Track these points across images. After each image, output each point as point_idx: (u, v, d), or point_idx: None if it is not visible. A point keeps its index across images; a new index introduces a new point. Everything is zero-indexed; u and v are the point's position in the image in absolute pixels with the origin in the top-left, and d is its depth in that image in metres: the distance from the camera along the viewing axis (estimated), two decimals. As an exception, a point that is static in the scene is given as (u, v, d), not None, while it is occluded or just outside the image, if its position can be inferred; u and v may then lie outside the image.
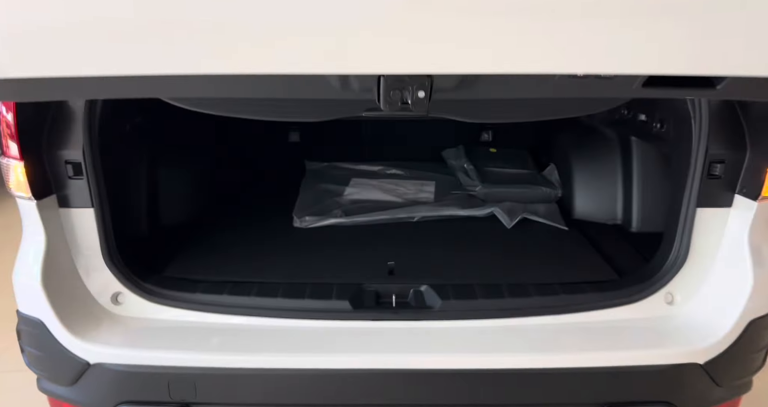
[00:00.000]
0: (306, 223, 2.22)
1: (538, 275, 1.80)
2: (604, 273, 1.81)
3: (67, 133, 1.56)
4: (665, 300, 1.64)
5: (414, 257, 1.92)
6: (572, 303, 1.64)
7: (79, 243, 1.63)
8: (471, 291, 1.68)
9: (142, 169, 2.06)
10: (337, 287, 1.69)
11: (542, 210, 2.31)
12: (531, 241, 2.09)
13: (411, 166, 2.85)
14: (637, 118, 2.03)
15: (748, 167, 1.52)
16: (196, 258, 1.93)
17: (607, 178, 2.22)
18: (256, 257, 1.95)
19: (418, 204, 2.39)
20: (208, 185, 2.40)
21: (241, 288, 1.70)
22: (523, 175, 2.57)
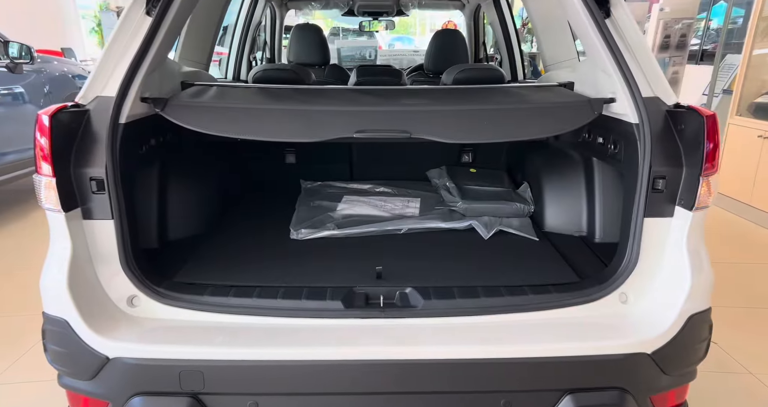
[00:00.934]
0: (302, 235, 2.43)
1: (510, 279, 1.99)
2: (567, 276, 2.03)
3: (92, 153, 1.75)
4: (620, 300, 1.84)
5: (400, 264, 2.11)
6: (539, 302, 1.83)
7: (100, 252, 1.80)
8: (450, 292, 1.87)
9: (155, 186, 2.26)
10: (331, 290, 1.85)
11: (516, 224, 2.54)
12: (505, 251, 2.30)
13: (398, 185, 3.07)
14: (596, 141, 2.27)
15: (685, 182, 1.76)
16: (203, 266, 2.11)
17: (573, 194, 2.44)
18: (258, 264, 2.14)
19: (405, 218, 2.60)
20: (214, 201, 2.60)
21: (244, 291, 1.88)
22: (500, 193, 2.80)
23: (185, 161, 2.47)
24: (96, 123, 1.78)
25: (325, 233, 2.43)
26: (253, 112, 2.07)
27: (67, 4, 12.67)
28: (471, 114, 2.06)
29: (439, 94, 2.42)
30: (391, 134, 1.96)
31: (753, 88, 5.06)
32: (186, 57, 2.73)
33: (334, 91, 2.47)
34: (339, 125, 1.98)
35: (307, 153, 3.18)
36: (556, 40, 2.77)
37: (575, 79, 2.42)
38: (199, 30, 2.77)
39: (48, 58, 5.68)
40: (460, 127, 2.02)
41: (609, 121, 2.04)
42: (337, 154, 3.20)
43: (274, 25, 4.56)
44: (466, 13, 4.65)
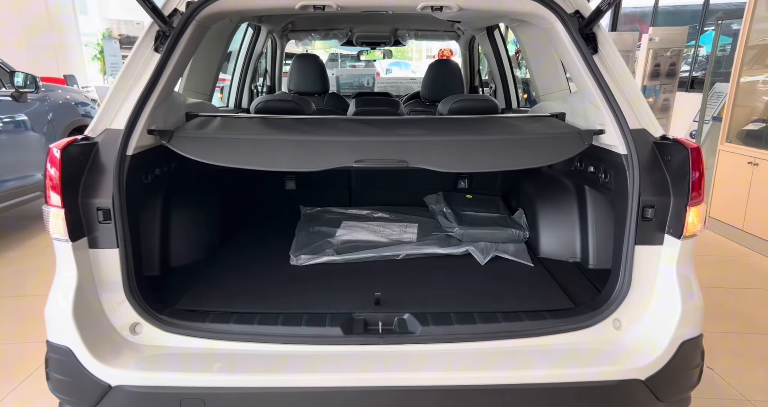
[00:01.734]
0: (302, 261, 2.47)
1: (506, 304, 2.04)
2: (562, 302, 2.07)
3: (100, 184, 1.81)
4: (613, 326, 1.88)
5: (398, 289, 2.15)
6: (534, 329, 1.87)
7: (105, 280, 1.84)
8: (447, 318, 1.91)
9: (159, 214, 2.31)
10: (330, 316, 1.89)
11: (512, 250, 2.59)
12: (501, 276, 2.35)
13: (395, 211, 3.13)
14: (587, 170, 2.34)
15: (673, 211, 1.82)
16: (204, 292, 2.15)
17: (566, 221, 2.50)
18: (258, 291, 2.17)
19: (402, 244, 2.65)
20: (215, 227, 2.65)
21: (245, 317, 1.91)
22: (495, 219, 2.86)
23: (188, 189, 2.53)
24: (104, 155, 1.84)
25: (325, 259, 2.48)
26: (256, 143, 2.14)
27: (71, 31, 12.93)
28: (466, 144, 2.14)
29: (436, 124, 2.50)
30: (389, 164, 2.02)
31: (742, 115, 5.18)
32: (190, 88, 2.81)
33: (334, 121, 2.55)
34: (339, 155, 2.05)
35: (306, 179, 3.25)
36: (547, 73, 2.87)
37: (566, 110, 2.51)
38: (203, 62, 2.87)
39: (52, 86, 5.79)
40: (456, 157, 2.09)
41: (599, 151, 2.12)
42: (336, 181, 3.27)
43: (275, 54, 4.69)
44: (462, 43, 4.79)
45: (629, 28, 10.37)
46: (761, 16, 4.89)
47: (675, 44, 6.31)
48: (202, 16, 2.01)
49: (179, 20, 1.96)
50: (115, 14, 14.58)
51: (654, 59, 6.28)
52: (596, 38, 2.00)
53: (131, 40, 13.45)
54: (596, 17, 1.95)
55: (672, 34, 6.27)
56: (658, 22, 9.38)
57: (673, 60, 6.40)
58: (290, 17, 4.00)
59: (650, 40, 6.22)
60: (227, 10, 2.07)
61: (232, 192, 2.98)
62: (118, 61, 12.87)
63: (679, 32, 6.35)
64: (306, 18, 4.13)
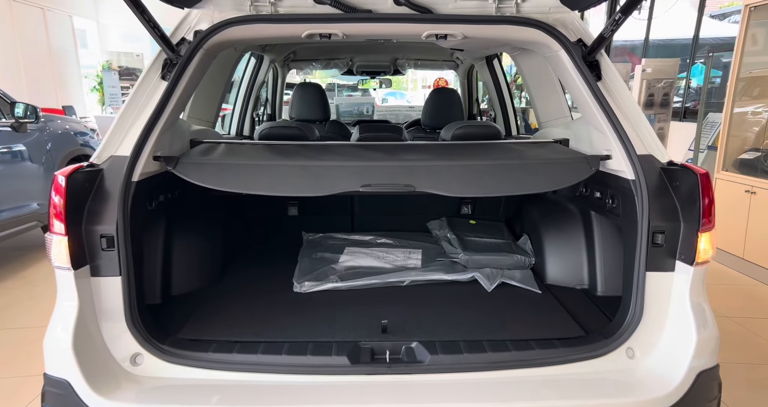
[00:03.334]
0: (305, 288, 2.43)
1: (515, 333, 1.99)
2: (572, 330, 2.03)
3: (104, 211, 1.78)
4: (627, 355, 1.83)
5: (405, 317, 2.10)
6: (545, 358, 1.82)
7: (106, 309, 1.79)
8: (456, 347, 1.86)
9: (161, 241, 2.28)
10: (336, 345, 1.84)
11: (518, 276, 2.56)
12: (508, 303, 2.31)
13: (399, 236, 3.11)
14: (594, 195, 2.34)
15: (683, 237, 1.81)
16: (207, 322, 2.09)
17: (573, 247, 2.48)
18: (262, 319, 2.12)
19: (407, 270, 2.61)
20: (217, 255, 2.61)
21: (248, 347, 1.86)
22: (500, 245, 2.84)
23: (190, 216, 2.50)
24: (109, 181, 1.83)
25: (329, 285, 2.43)
26: (262, 168, 2.13)
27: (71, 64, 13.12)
28: (472, 169, 2.13)
29: (440, 149, 2.51)
30: (395, 189, 2.02)
31: (736, 144, 5.25)
32: (194, 115, 2.83)
33: (339, 147, 2.56)
34: (345, 180, 2.04)
35: (309, 205, 3.23)
36: (548, 99, 2.91)
37: (570, 136, 2.52)
38: (208, 90, 2.89)
39: (51, 116, 5.80)
40: (462, 182, 2.09)
41: (606, 176, 2.12)
42: (339, 206, 3.25)
43: (276, 83, 4.75)
44: (460, 72, 4.87)
45: (620, 60, 10.62)
46: (750, 50, 5.03)
47: (667, 75, 6.45)
48: (209, 44, 2.03)
49: (187, 49, 1.98)
50: (115, 47, 14.81)
51: (648, 89, 6.40)
52: (599, 65, 2.03)
53: (130, 72, 13.63)
54: (599, 45, 1.99)
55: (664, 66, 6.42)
56: (649, 55, 9.62)
57: (666, 90, 6.53)
58: (293, 47, 4.06)
59: (643, 71, 6.36)
60: (234, 38, 2.09)
61: (235, 218, 2.96)
62: (117, 92, 12.99)
63: (671, 64, 6.50)
64: (308, 47, 4.19)
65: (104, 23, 14.53)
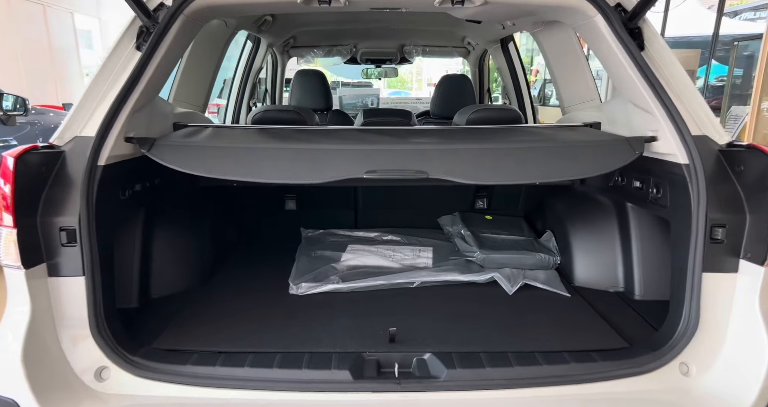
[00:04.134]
0: (302, 290, 2.16)
1: (545, 343, 1.74)
2: (612, 341, 1.75)
3: (65, 200, 1.54)
4: (680, 371, 1.57)
5: (415, 323, 1.85)
6: (583, 373, 1.57)
7: (66, 315, 1.55)
8: (477, 359, 1.61)
9: (139, 237, 2.02)
10: (336, 356, 1.61)
11: (542, 277, 2.28)
12: (534, 308, 2.04)
13: (407, 233, 2.84)
14: (631, 185, 2.06)
15: (750, 232, 1.52)
16: (188, 329, 1.84)
17: (605, 244, 2.21)
18: (251, 326, 1.86)
19: (417, 270, 2.35)
20: (205, 253, 2.35)
21: (234, 358, 1.62)
22: (521, 242, 2.56)
23: (174, 209, 2.25)
24: (72, 166, 1.58)
25: (329, 287, 2.17)
26: (252, 153, 1.87)
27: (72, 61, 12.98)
28: (495, 153, 1.86)
29: (456, 133, 2.23)
30: (405, 175, 1.75)
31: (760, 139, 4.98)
32: (181, 99, 2.56)
33: (341, 131, 2.29)
34: (347, 165, 1.77)
35: (307, 199, 2.96)
36: (574, 81, 2.62)
37: (601, 120, 2.24)
38: (196, 71, 2.63)
39: (43, 110, 5.60)
40: (483, 167, 1.81)
41: (649, 162, 1.84)
42: (341, 200, 2.98)
43: (276, 72, 4.48)
44: (471, 59, 4.59)
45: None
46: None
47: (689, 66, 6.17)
48: (190, 10, 1.77)
49: (165, 14, 1.72)
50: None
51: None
52: (642, 33, 1.75)
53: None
54: (641, 10, 1.71)
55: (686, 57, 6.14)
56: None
57: (687, 81, 6.24)
58: (292, 30, 3.79)
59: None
60: (219, 3, 1.83)
61: (225, 212, 2.69)
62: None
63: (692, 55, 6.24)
64: (308, 33, 3.92)
65: (106, 20, 14.37)
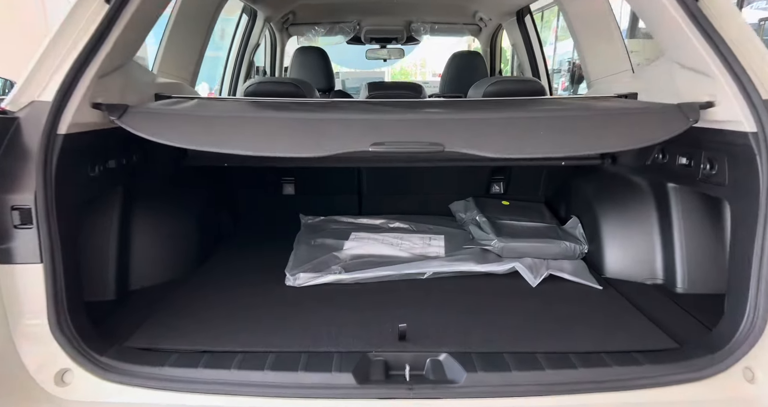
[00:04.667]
0: (300, 282, 1.93)
1: (579, 342, 1.52)
2: (658, 340, 1.52)
3: (18, 174, 1.33)
4: (744, 377, 1.35)
5: (428, 319, 1.64)
6: (628, 378, 1.35)
7: (20, 309, 1.34)
8: (501, 361, 1.39)
9: (115, 220, 1.79)
10: (338, 356, 1.42)
11: (569, 268, 2.05)
12: (562, 302, 1.80)
13: (416, 220, 2.60)
14: (675, 162, 1.81)
15: None
16: (168, 324, 1.62)
17: (641, 231, 1.97)
18: (241, 322, 1.64)
19: (428, 259, 2.12)
20: (193, 240, 2.12)
21: (220, 359, 1.41)
22: (542, 229, 2.32)
23: (158, 190, 2.02)
24: (28, 134, 1.37)
25: (330, 278, 1.94)
26: (242, 122, 1.65)
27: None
28: (525, 123, 1.62)
29: (475, 104, 1.98)
30: (417, 148, 1.51)
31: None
32: (166, 70, 2.31)
33: (343, 103, 2.04)
34: (350, 137, 1.54)
35: (307, 183, 2.73)
36: (603, 49, 2.36)
37: (638, 90, 1.98)
38: (184, 41, 2.38)
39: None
40: (512, 138, 1.56)
41: (702, 133, 1.59)
42: (344, 184, 2.74)
43: (275, 51, 4.23)
44: (483, 38, 4.33)
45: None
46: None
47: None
48: None
49: None
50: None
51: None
52: None
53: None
54: None
55: None
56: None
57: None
58: (290, 4, 3.53)
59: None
60: None
61: (216, 197, 2.45)
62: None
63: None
64: (309, 8, 3.67)
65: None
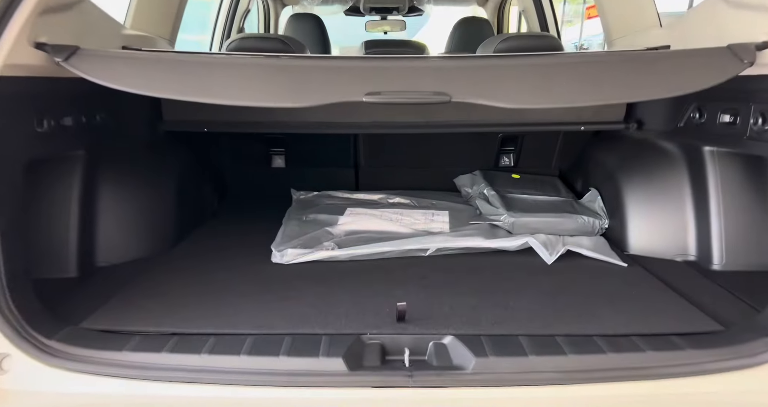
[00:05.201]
0: (288, 258, 1.73)
1: (606, 323, 1.33)
2: (699, 322, 1.32)
3: None
4: None
5: (431, 298, 1.46)
6: (667, 365, 1.16)
7: None
8: (516, 344, 1.22)
9: (76, 187, 1.58)
10: (327, 339, 1.25)
11: (588, 243, 1.85)
12: (583, 280, 1.60)
13: (418, 195, 2.39)
14: (716, 121, 1.59)
15: None
16: (134, 304, 1.43)
17: (671, 202, 1.77)
18: (218, 302, 1.45)
19: (431, 235, 1.91)
20: (168, 215, 1.92)
21: (190, 342, 1.23)
22: (557, 203, 2.11)
23: (129, 156, 1.81)
24: None
25: (322, 254, 1.75)
26: (217, 68, 1.44)
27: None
28: (545, 69, 1.39)
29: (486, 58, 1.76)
30: (420, 98, 1.31)
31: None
32: (140, 27, 2.08)
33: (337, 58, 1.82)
34: (342, 85, 1.33)
35: (299, 154, 2.52)
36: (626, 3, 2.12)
37: (670, 42, 1.76)
38: None
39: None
40: (526, 87, 1.35)
41: (752, 82, 1.37)
42: (339, 156, 2.53)
43: (268, 22, 3.99)
44: (490, 8, 4.08)
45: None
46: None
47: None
48: None
49: None
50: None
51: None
52: None
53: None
54: None
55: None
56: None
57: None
58: None
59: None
60: None
61: (198, 167, 2.24)
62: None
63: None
64: None
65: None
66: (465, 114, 1.99)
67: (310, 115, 2.02)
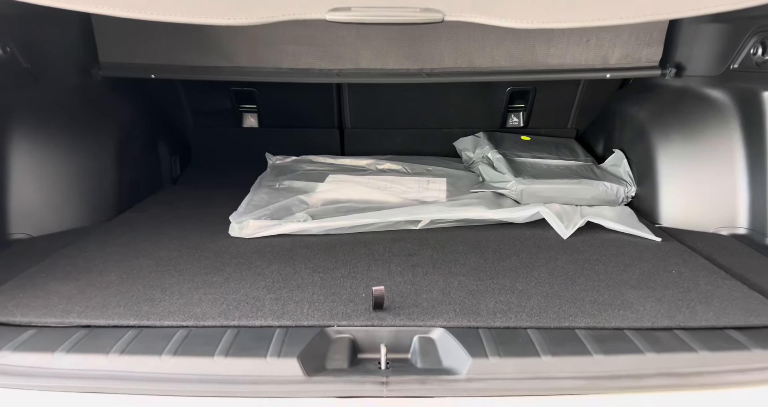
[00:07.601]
0: (248, 231, 1.45)
1: (641, 314, 1.08)
2: (764, 312, 1.03)
3: None
4: None
5: (419, 281, 1.21)
6: (726, 370, 0.93)
7: None
8: (524, 340, 0.99)
9: None
10: (281, 333, 1.01)
11: (611, 214, 1.56)
12: (606, 259, 1.32)
13: (411, 160, 2.10)
14: None
15: None
16: (39, 287, 1.18)
17: (716, 165, 1.52)
18: (148, 285, 1.17)
19: (424, 205, 1.62)
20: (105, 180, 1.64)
21: (101, 337, 0.98)
22: (574, 168, 1.81)
23: (53, 106, 1.55)
24: None
25: (290, 227, 1.47)
26: None
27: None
28: None
29: None
30: (403, 16, 1.00)
31: None
32: None
33: None
34: None
35: (274, 112, 2.24)
36: None
37: None
38: None
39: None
40: None
41: None
42: (321, 114, 2.24)
43: None
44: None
45: None
46: None
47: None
48: None
49: None
50: None
51: None
52: None
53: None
54: None
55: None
56: None
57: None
58: None
59: None
60: None
61: (149, 125, 1.95)
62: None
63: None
64: None
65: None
66: (467, 59, 1.68)
67: (279, 59, 1.71)
